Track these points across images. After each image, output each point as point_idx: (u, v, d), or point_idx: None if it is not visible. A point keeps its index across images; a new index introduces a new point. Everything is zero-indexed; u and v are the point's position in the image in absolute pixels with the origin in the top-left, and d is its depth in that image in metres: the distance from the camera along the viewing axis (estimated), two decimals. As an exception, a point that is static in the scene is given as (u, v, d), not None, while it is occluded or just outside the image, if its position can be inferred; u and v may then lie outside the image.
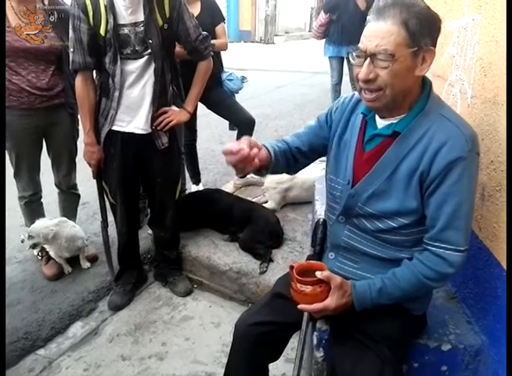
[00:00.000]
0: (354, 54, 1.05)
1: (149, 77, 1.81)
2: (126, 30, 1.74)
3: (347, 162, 1.17)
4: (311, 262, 1.19)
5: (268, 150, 1.20)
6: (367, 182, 1.11)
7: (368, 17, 1.03)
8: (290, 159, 1.28)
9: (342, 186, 1.18)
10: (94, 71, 1.89)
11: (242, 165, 1.08)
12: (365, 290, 1.09)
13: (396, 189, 1.07)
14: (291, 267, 1.14)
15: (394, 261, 1.13)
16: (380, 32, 0.98)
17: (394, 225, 1.09)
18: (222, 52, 2.89)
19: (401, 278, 1.08)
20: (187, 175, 3.17)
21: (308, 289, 1.08)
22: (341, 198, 1.18)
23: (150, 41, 1.76)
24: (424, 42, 0.99)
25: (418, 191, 1.06)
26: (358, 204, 1.13)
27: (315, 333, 1.32)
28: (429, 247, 1.07)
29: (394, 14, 0.97)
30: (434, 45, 1.02)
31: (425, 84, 1.09)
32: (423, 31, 0.98)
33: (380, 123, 1.12)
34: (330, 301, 1.08)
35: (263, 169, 1.20)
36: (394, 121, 1.08)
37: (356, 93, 1.17)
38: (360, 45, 1.03)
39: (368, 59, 1.00)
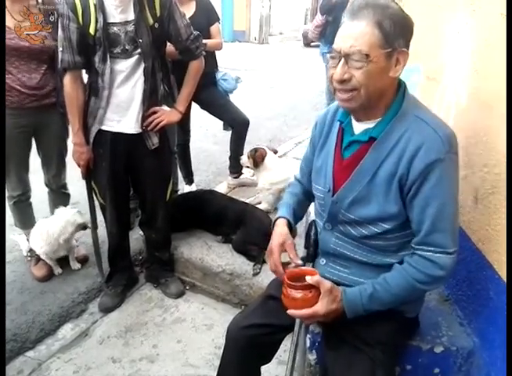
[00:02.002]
0: (328, 55, 1.05)
1: (139, 76, 1.80)
2: (116, 29, 1.72)
3: (327, 170, 1.17)
4: (303, 268, 1.18)
5: (290, 222, 1.32)
6: (348, 188, 1.11)
7: (342, 18, 1.04)
8: (308, 201, 1.37)
9: (324, 193, 1.18)
10: (84, 71, 1.87)
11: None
12: (356, 296, 1.08)
13: (376, 195, 1.07)
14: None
15: (383, 266, 1.13)
16: (354, 33, 0.99)
17: (377, 230, 1.09)
18: (217, 52, 2.88)
19: (392, 283, 1.07)
20: (180, 175, 3.16)
21: (298, 294, 1.07)
22: (325, 205, 1.18)
23: (140, 41, 1.74)
24: (398, 43, 0.99)
25: (398, 196, 1.05)
26: (341, 211, 1.13)
27: (308, 335, 1.32)
28: (417, 252, 1.06)
29: (368, 15, 0.98)
30: (407, 47, 1.03)
31: (400, 86, 1.09)
32: (397, 32, 0.99)
33: (357, 128, 1.12)
34: (320, 307, 1.06)
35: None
36: (371, 126, 1.08)
37: (336, 103, 1.18)
38: (334, 45, 1.03)
39: (342, 60, 1.00)
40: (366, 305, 1.07)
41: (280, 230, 1.28)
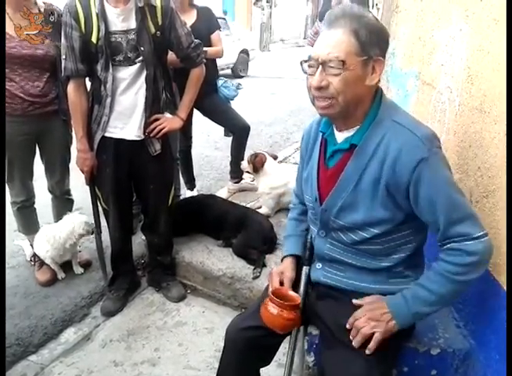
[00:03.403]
0: (306, 64, 1.08)
1: (142, 84, 1.83)
2: (118, 38, 1.76)
3: (312, 180, 1.20)
4: (291, 293, 1.24)
5: (297, 256, 1.34)
6: (334, 196, 1.14)
7: (320, 28, 1.07)
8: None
9: (312, 203, 1.22)
10: (87, 78, 1.90)
11: None
12: (398, 297, 1.10)
13: (362, 200, 1.09)
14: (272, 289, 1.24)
15: (376, 270, 1.15)
16: (331, 40, 1.02)
17: (367, 235, 1.11)
18: (218, 59, 2.92)
19: (428, 280, 1.08)
20: (182, 180, 3.19)
21: (275, 310, 1.15)
22: (316, 214, 1.21)
23: (142, 49, 1.77)
24: (374, 52, 1.02)
25: (387, 201, 1.07)
26: (331, 218, 1.16)
27: (306, 337, 1.33)
28: (446, 246, 1.07)
29: (345, 24, 1.01)
30: (383, 56, 1.06)
31: (377, 92, 1.11)
32: (373, 41, 1.02)
33: (339, 138, 1.14)
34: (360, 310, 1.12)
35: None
36: (351, 134, 1.11)
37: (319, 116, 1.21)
38: (312, 54, 1.05)
39: (320, 67, 1.03)
40: (412, 307, 1.08)
41: (284, 264, 1.34)
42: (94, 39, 1.74)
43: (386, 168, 1.04)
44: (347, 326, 1.11)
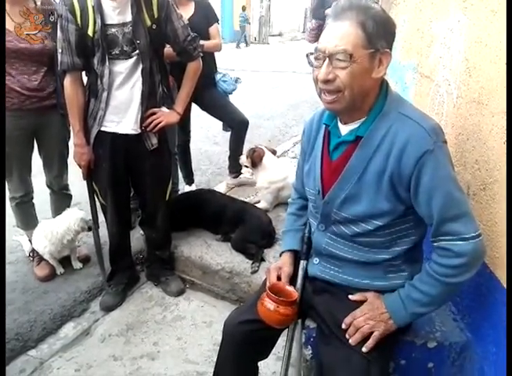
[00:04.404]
0: (312, 56, 1.07)
1: (138, 77, 1.82)
2: (114, 31, 1.75)
3: (315, 173, 1.20)
4: (288, 287, 1.24)
5: (295, 251, 1.34)
6: (338, 188, 1.13)
7: (326, 20, 1.06)
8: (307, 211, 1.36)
9: (314, 196, 1.21)
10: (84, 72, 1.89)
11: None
12: (396, 297, 1.11)
13: (367, 192, 1.09)
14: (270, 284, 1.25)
15: (374, 264, 1.15)
16: (338, 33, 1.01)
17: (370, 227, 1.11)
18: (216, 53, 2.90)
19: (420, 281, 1.09)
20: (180, 175, 3.18)
21: (271, 305, 1.15)
22: (317, 207, 1.21)
23: (138, 42, 1.76)
24: (381, 44, 1.01)
25: (391, 193, 1.06)
26: (333, 210, 1.15)
27: (304, 331, 1.33)
28: (435, 244, 1.07)
29: (352, 16, 0.99)
30: (390, 48, 1.04)
31: (382, 84, 1.10)
32: (380, 33, 1.00)
33: (343, 130, 1.14)
34: (358, 310, 1.12)
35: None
36: (356, 126, 1.10)
37: (321, 108, 1.20)
38: (319, 46, 1.04)
39: (327, 60, 1.02)
40: (408, 307, 1.09)
41: (282, 259, 1.35)
42: (90, 32, 1.73)
43: (392, 159, 1.03)
44: (343, 326, 1.12)
